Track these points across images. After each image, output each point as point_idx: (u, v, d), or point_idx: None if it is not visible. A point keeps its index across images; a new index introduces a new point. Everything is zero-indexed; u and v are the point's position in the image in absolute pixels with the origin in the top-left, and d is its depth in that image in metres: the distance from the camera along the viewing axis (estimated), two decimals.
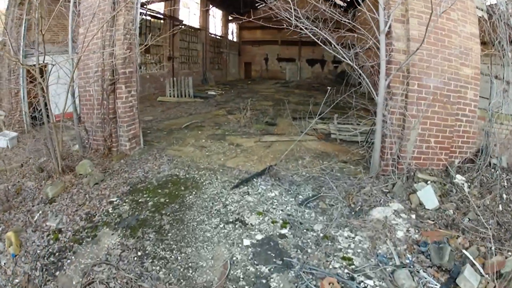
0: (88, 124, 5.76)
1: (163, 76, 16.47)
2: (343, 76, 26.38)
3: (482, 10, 5.10)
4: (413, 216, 3.71)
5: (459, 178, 4.37)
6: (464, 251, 3.10)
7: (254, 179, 4.71)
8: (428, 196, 3.95)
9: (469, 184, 4.31)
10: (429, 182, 4.26)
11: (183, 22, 18.40)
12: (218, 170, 5.13)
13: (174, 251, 3.25)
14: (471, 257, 3.00)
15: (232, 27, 28.86)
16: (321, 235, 3.45)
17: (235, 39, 29.24)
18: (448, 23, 4.33)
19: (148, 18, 15.31)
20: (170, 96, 13.58)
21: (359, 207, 3.94)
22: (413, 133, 4.39)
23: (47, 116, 4.99)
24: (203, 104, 12.18)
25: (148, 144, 6.34)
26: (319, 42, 4.32)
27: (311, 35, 4.26)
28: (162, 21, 16.77)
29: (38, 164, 5.37)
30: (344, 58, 4.21)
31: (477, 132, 4.76)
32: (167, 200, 4.13)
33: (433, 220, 3.61)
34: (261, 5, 4.66)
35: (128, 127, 5.60)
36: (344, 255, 3.15)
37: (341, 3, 20.81)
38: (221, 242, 3.35)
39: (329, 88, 5.47)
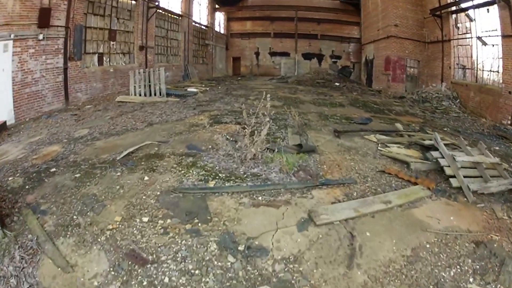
0: None
1: (132, 70, 12.87)
2: (345, 72, 23.73)
3: None
4: None
5: None
6: None
7: None
8: None
9: None
10: None
11: (160, 5, 14.80)
12: None
13: None
14: None
15: (219, 17, 25.49)
16: None
17: (222, 31, 25.78)
18: None
19: None
20: (135, 95, 10.00)
21: None
22: None
23: None
24: (177, 106, 8.65)
25: (17, 223, 2.69)
26: None
27: None
28: (133, 1, 13.17)
29: None
30: None
31: None
32: None
33: None
34: None
35: None
36: None
37: None
38: None
39: (337, 84, 2.05)
